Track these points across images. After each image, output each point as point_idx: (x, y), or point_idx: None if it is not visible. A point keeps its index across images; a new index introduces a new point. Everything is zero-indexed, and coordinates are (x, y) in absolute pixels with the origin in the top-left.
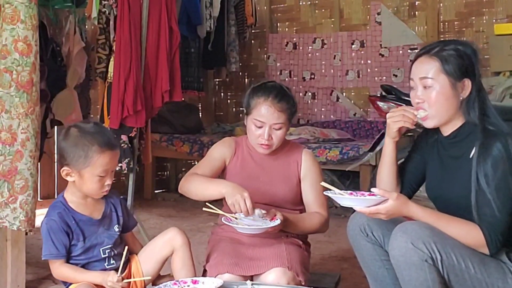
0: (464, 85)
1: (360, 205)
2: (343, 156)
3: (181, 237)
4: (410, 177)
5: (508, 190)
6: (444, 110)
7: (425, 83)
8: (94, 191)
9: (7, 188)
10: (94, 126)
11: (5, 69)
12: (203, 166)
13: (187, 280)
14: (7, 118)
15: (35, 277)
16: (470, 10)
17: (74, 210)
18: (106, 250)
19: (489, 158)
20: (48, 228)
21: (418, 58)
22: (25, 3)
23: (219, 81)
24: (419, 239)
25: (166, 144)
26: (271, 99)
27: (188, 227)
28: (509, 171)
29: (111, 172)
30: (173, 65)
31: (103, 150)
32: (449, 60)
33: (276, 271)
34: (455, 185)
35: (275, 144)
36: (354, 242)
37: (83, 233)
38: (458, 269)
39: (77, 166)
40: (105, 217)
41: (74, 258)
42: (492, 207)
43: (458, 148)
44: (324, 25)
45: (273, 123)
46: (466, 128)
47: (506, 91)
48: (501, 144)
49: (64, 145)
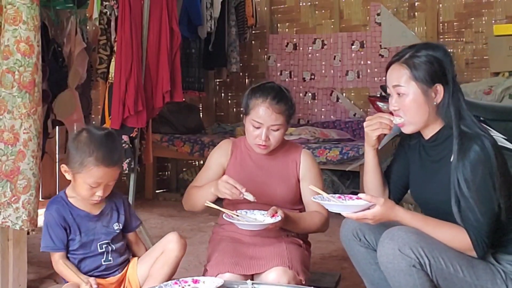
0: (436, 91)
1: (347, 211)
2: (343, 156)
3: (177, 244)
4: (396, 180)
5: (489, 192)
6: (418, 117)
7: (398, 91)
8: (84, 196)
9: (10, 188)
10: (104, 137)
11: (7, 70)
12: (200, 179)
13: (188, 280)
14: (9, 119)
15: (37, 277)
16: (469, 11)
17: (72, 205)
18: (103, 245)
19: (467, 163)
20: (46, 222)
21: (390, 65)
22: (27, 4)
23: (219, 82)
24: (405, 245)
25: (167, 144)
26: (269, 100)
27: (189, 227)
28: (488, 173)
29: (105, 186)
30: (174, 66)
31: (97, 164)
32: (419, 67)
33: (277, 270)
34: (436, 189)
35: (273, 145)
36: (348, 247)
37: (80, 228)
38: (447, 273)
39: (73, 169)
40: (103, 213)
41: (72, 252)
42: (475, 211)
43: (438, 152)
44: (324, 26)
45: (271, 124)
46: (444, 131)
47: (505, 92)
48: (478, 146)
49: (70, 144)
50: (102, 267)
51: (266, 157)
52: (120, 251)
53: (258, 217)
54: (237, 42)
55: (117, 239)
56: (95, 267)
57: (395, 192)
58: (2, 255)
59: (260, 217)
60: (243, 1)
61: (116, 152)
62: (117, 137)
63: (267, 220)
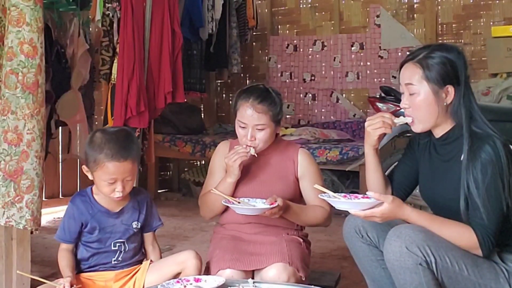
0: (447, 92)
1: (356, 208)
2: (343, 156)
3: (195, 261)
4: (402, 180)
5: (498, 192)
6: (428, 116)
7: (410, 89)
8: (105, 193)
9: (13, 188)
10: (116, 134)
11: (11, 71)
12: (209, 185)
13: (190, 278)
14: (13, 119)
15: (40, 276)
16: (467, 13)
17: (95, 201)
18: (117, 243)
19: (477, 163)
20: (65, 213)
21: (404, 64)
22: (30, 6)
23: (221, 83)
24: (413, 243)
25: (169, 145)
26: (251, 100)
27: (191, 226)
28: (498, 173)
29: (123, 182)
30: (175, 67)
31: (109, 160)
32: (432, 68)
33: (277, 266)
34: (445, 188)
35: (260, 145)
36: (350, 243)
37: (98, 224)
38: (451, 272)
39: (90, 168)
40: (124, 211)
41: (86, 243)
42: (483, 210)
43: (448, 151)
44: (324, 27)
45: (254, 124)
46: (456, 131)
47: (503, 92)
48: (489, 147)
49: (86, 145)
50: (110, 265)
51: (264, 156)
52: (133, 251)
53: (259, 205)
54: (238, 43)
55: (133, 239)
56: (105, 263)
57: (399, 191)
58: (6, 254)
59: (261, 205)
60: (244, 3)
61: (127, 147)
62: (132, 134)
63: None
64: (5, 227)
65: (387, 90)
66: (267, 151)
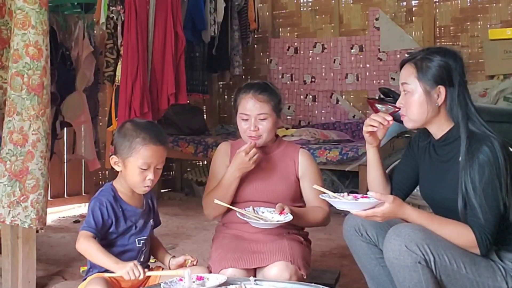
0: (439, 92)
1: (356, 208)
2: (342, 157)
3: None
4: (402, 181)
5: (494, 192)
6: (418, 115)
7: (405, 88)
8: (136, 183)
9: (19, 188)
10: (148, 123)
11: (16, 73)
12: (211, 185)
13: (192, 277)
14: (18, 120)
15: (46, 274)
16: (465, 15)
17: (122, 199)
18: (141, 241)
19: (475, 164)
20: (92, 206)
21: (403, 64)
22: (36, 9)
23: (223, 84)
24: (412, 242)
25: (171, 145)
26: (252, 92)
27: (193, 225)
28: (495, 174)
29: (154, 168)
30: (178, 69)
31: (145, 143)
32: (426, 68)
33: (279, 265)
34: (444, 188)
35: (264, 136)
36: (350, 242)
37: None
38: (450, 270)
39: (122, 155)
40: (145, 210)
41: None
42: (480, 210)
43: (447, 152)
44: (324, 30)
45: (257, 113)
46: (454, 132)
47: (500, 94)
48: (487, 147)
49: (116, 136)
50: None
51: (265, 156)
52: (149, 251)
53: (266, 214)
54: (240, 46)
55: (151, 236)
56: None
57: (398, 190)
58: (12, 253)
59: (268, 214)
60: (245, 6)
61: (162, 134)
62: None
63: (276, 217)
64: (11, 226)
65: (386, 91)
66: (269, 151)
